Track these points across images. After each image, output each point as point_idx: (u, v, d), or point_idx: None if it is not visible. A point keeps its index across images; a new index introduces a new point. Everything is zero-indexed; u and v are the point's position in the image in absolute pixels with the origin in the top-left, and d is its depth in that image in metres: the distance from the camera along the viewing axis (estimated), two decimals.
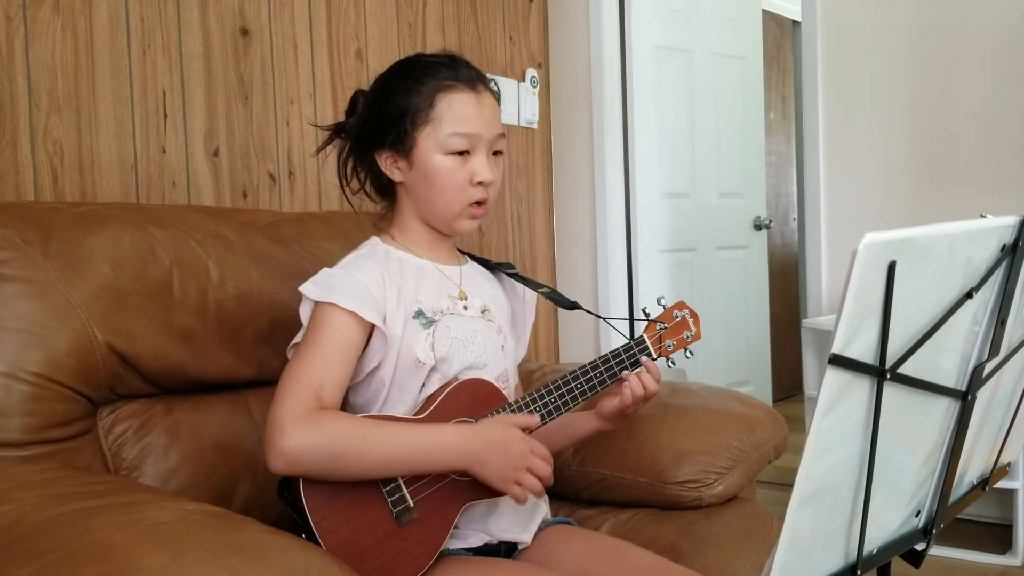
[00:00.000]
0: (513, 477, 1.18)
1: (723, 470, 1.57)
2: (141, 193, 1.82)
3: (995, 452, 1.10)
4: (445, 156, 1.25)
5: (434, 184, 1.26)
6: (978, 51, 2.57)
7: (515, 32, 2.92)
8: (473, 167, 1.26)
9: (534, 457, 1.20)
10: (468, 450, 1.17)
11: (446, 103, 1.24)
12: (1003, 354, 0.94)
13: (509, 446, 1.18)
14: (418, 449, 1.15)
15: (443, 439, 1.17)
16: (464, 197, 1.27)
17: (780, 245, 4.89)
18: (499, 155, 1.31)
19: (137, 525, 0.86)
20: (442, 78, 1.25)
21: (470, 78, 1.27)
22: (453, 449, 1.16)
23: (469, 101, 1.25)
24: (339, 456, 1.12)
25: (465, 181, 1.26)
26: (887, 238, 0.72)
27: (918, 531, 0.97)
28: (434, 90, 1.24)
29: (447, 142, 1.24)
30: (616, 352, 1.34)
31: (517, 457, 1.18)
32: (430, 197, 1.28)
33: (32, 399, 1.19)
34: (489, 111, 1.28)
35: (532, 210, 3.03)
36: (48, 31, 1.67)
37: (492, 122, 1.28)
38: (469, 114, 1.25)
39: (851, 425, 0.78)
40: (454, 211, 1.28)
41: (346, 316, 1.18)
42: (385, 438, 1.14)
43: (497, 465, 1.17)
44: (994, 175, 2.56)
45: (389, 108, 1.26)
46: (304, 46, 2.18)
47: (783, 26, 4.92)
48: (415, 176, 1.27)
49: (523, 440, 1.20)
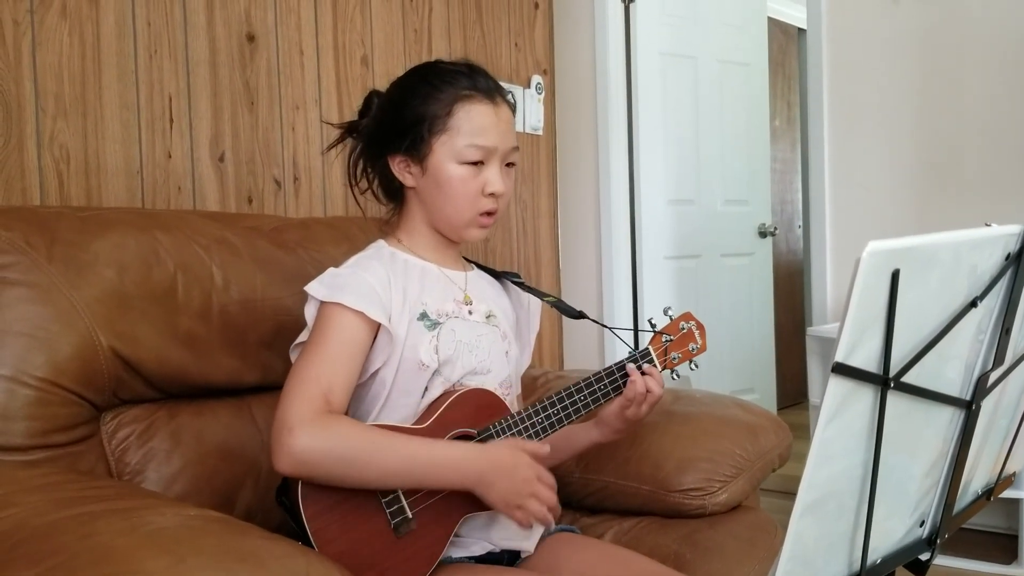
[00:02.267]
0: (517, 502, 1.17)
1: (727, 478, 1.57)
2: (147, 198, 1.83)
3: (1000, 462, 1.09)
4: (459, 165, 1.25)
5: (446, 192, 1.26)
6: (983, 59, 2.57)
7: (520, 38, 2.93)
8: (486, 177, 1.26)
9: (540, 485, 1.19)
10: (476, 471, 1.16)
11: (464, 113, 1.24)
12: (1008, 363, 0.94)
13: (517, 471, 1.17)
14: (426, 465, 1.14)
15: (452, 457, 1.16)
16: (475, 207, 1.27)
17: (785, 252, 4.89)
18: (512, 166, 1.31)
19: (139, 530, 0.86)
20: (461, 87, 1.25)
21: (488, 88, 1.27)
22: (461, 468, 1.15)
23: (487, 112, 1.26)
24: (347, 461, 1.11)
25: (477, 191, 1.26)
26: (891, 246, 0.72)
27: (922, 541, 0.96)
28: (453, 99, 1.24)
29: (463, 152, 1.25)
30: (620, 364, 1.33)
31: (523, 483, 1.17)
32: (441, 204, 1.28)
33: (36, 403, 1.19)
34: (505, 123, 1.28)
35: (537, 216, 3.03)
36: (55, 36, 1.68)
37: (508, 134, 1.28)
38: (486, 125, 1.25)
39: (855, 433, 0.77)
40: (464, 220, 1.28)
41: (353, 316, 1.18)
42: (395, 449, 1.14)
43: (503, 488, 1.16)
44: (999, 183, 2.56)
45: (406, 113, 1.26)
46: (310, 52, 2.19)
47: (788, 33, 4.92)
48: (427, 182, 1.27)
49: (531, 466, 1.19)
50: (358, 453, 1.12)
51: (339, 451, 1.11)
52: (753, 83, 3.86)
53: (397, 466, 1.13)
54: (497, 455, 1.18)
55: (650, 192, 3.27)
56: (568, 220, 3.14)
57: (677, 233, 3.43)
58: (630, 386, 1.31)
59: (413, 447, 1.15)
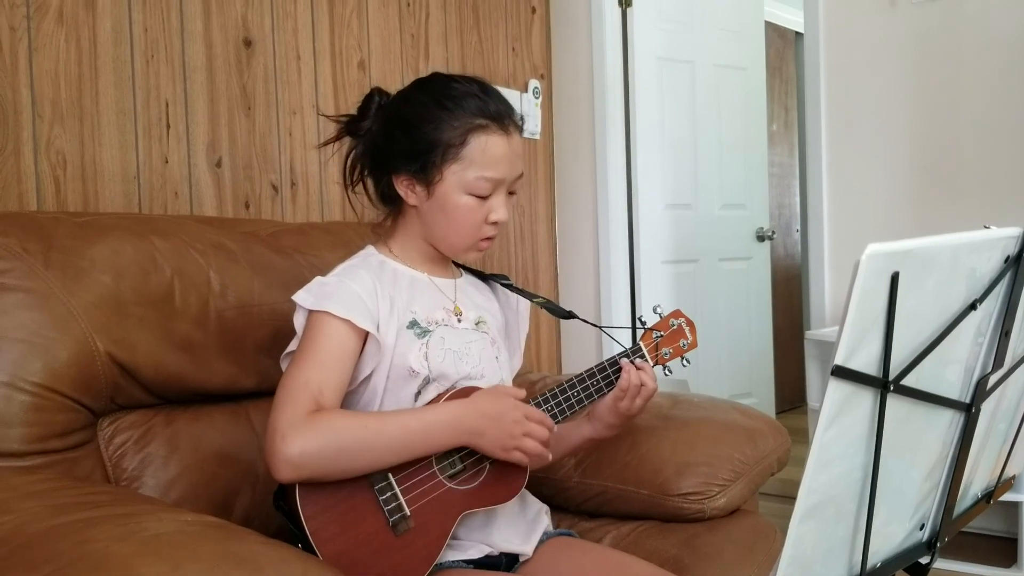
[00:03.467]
0: (512, 444, 1.20)
1: (725, 482, 1.57)
2: (143, 203, 1.83)
3: (1000, 465, 1.09)
4: (467, 195, 1.25)
5: (451, 219, 1.27)
6: (980, 62, 2.57)
7: (518, 43, 2.93)
8: (491, 206, 1.27)
9: (530, 423, 1.22)
10: (467, 425, 1.19)
11: (479, 145, 1.24)
12: (1007, 366, 0.94)
13: (504, 416, 1.20)
14: (419, 431, 1.17)
15: (441, 419, 1.19)
16: (477, 234, 1.28)
17: (783, 256, 4.89)
18: (513, 194, 1.32)
19: (136, 536, 0.86)
20: (474, 112, 1.24)
21: (500, 115, 1.26)
22: (452, 425, 1.18)
23: (501, 144, 1.25)
24: (344, 450, 1.12)
25: (481, 220, 1.27)
26: (890, 249, 0.71)
27: (922, 544, 0.96)
28: (468, 128, 1.24)
29: (473, 184, 1.25)
30: (612, 360, 1.34)
31: (512, 424, 1.20)
32: (444, 229, 1.29)
33: (33, 409, 1.19)
34: (516, 153, 1.28)
35: (535, 220, 3.03)
36: (52, 41, 1.68)
37: (517, 163, 1.29)
38: (499, 158, 1.25)
39: (854, 437, 0.77)
40: (465, 245, 1.30)
41: (340, 324, 1.19)
42: (386, 426, 1.16)
43: (494, 435, 1.20)
44: (997, 186, 2.56)
45: (418, 136, 1.25)
46: (307, 57, 2.19)
47: (786, 37, 4.93)
48: (432, 206, 1.27)
49: (516, 407, 1.22)
50: (351, 439, 1.13)
51: (334, 444, 1.12)
52: (750, 87, 3.86)
53: (392, 441, 1.15)
54: (482, 405, 1.21)
55: (648, 196, 3.27)
56: (566, 224, 3.14)
57: (675, 237, 3.43)
58: (624, 377, 1.32)
59: (403, 418, 1.18)
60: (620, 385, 1.32)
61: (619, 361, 1.34)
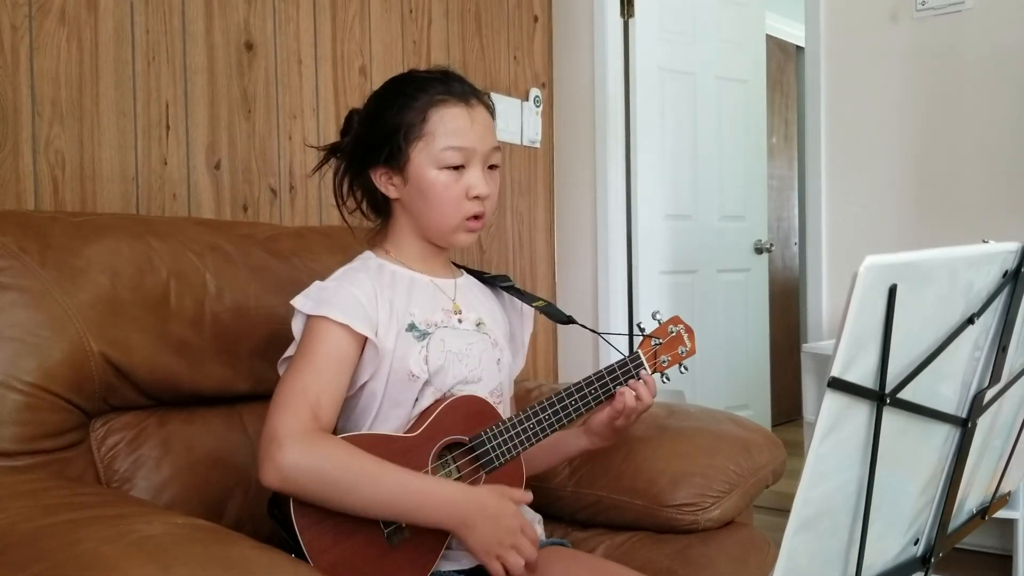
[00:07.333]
0: (496, 551, 1.15)
1: (720, 494, 1.56)
2: (141, 204, 1.82)
3: (995, 481, 1.09)
4: (440, 171, 1.25)
5: (430, 199, 1.26)
6: (980, 77, 2.58)
7: (519, 51, 2.93)
8: (468, 181, 1.26)
9: (523, 537, 1.16)
10: (460, 512, 1.14)
11: (438, 117, 1.24)
12: (1004, 381, 0.93)
13: (501, 519, 1.15)
14: (412, 499, 1.13)
15: (438, 495, 1.14)
16: (460, 211, 1.27)
17: (781, 269, 4.89)
18: (495, 169, 1.31)
19: (125, 538, 0.85)
20: (434, 93, 1.25)
21: (462, 92, 1.27)
22: (445, 508, 1.13)
23: (461, 115, 1.26)
24: (333, 483, 1.10)
25: (461, 195, 1.26)
26: (888, 261, 0.71)
27: (916, 559, 0.95)
28: (427, 105, 1.24)
29: (441, 156, 1.24)
30: (611, 368, 1.34)
31: (506, 532, 1.15)
32: (426, 212, 1.28)
33: (25, 408, 1.18)
34: (482, 125, 1.28)
35: (533, 229, 3.03)
36: (53, 41, 1.68)
37: (486, 136, 1.28)
38: (461, 127, 1.25)
39: (850, 450, 0.77)
40: (451, 225, 1.28)
41: (339, 329, 1.18)
42: (382, 479, 1.12)
43: (484, 534, 1.14)
44: (996, 201, 2.56)
45: (382, 125, 1.26)
46: (308, 61, 2.19)
47: (787, 51, 4.94)
48: (410, 192, 1.27)
49: (516, 516, 1.17)
50: (346, 476, 1.10)
51: (328, 472, 1.10)
52: (751, 100, 3.87)
53: (381, 497, 1.12)
54: (483, 499, 1.15)
55: (647, 207, 3.27)
56: (565, 234, 3.14)
57: (673, 248, 3.43)
58: (619, 399, 1.30)
59: (402, 477, 1.13)
60: (615, 407, 1.31)
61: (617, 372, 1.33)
